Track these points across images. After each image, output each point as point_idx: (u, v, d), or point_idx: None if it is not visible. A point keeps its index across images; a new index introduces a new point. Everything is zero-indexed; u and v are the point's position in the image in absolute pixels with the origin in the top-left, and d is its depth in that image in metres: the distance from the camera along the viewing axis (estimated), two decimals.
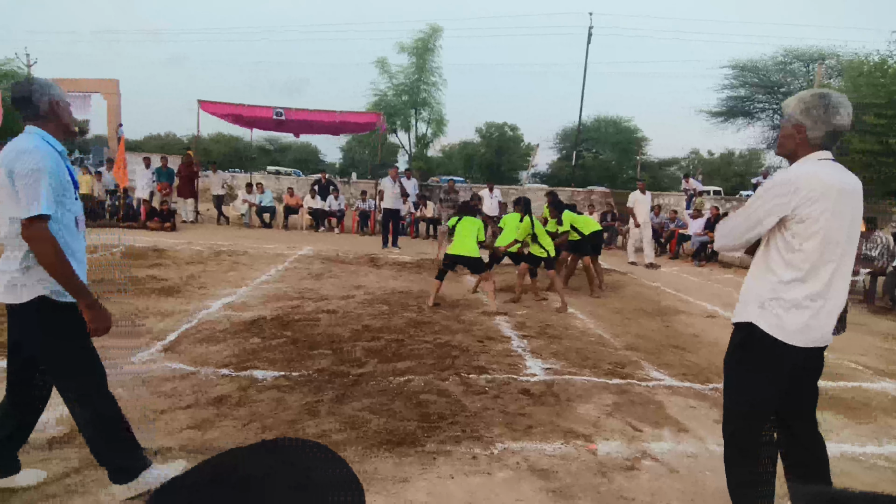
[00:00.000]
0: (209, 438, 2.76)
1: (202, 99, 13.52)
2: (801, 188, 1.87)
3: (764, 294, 1.98)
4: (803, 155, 1.98)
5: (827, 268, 1.93)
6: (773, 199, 1.91)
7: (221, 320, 4.92)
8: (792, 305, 1.93)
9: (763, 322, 1.98)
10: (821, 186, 1.87)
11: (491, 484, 2.51)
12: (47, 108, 2.10)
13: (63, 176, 2.07)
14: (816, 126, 1.92)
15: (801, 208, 1.88)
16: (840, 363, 4.92)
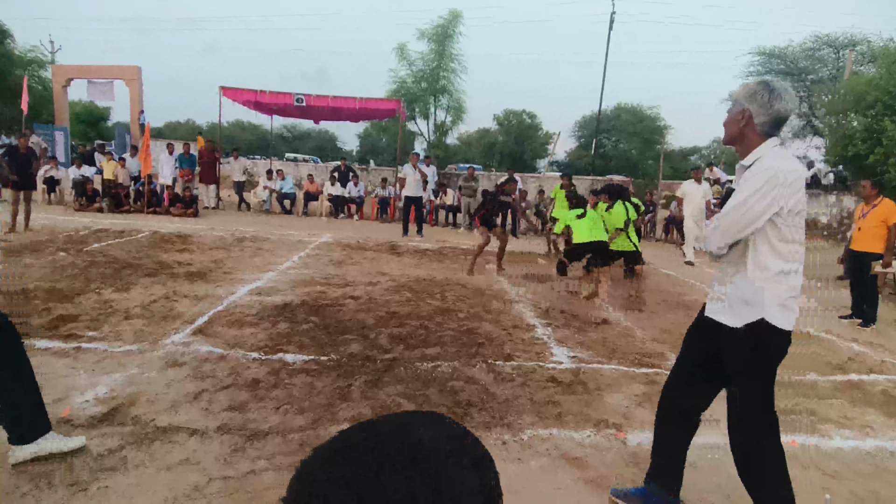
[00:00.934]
0: (248, 419, 2.81)
1: (224, 86, 13.60)
2: (792, 178, 1.89)
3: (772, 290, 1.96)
4: (754, 141, 1.98)
5: (800, 258, 2.00)
6: (772, 192, 1.88)
7: (250, 305, 4.99)
8: (791, 296, 1.98)
9: (776, 316, 1.97)
10: (800, 174, 1.94)
11: (527, 472, 2.52)
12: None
13: None
14: (762, 111, 1.94)
15: (795, 198, 1.90)
16: (872, 357, 4.83)
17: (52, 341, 3.75)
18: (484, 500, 0.47)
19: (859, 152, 12.91)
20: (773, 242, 1.94)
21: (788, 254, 1.95)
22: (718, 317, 2.09)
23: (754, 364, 2.05)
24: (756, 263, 1.97)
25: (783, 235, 1.93)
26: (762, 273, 1.96)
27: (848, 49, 21.16)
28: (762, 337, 1.98)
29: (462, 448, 0.48)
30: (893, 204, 6.12)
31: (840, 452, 2.97)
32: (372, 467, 0.44)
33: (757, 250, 1.96)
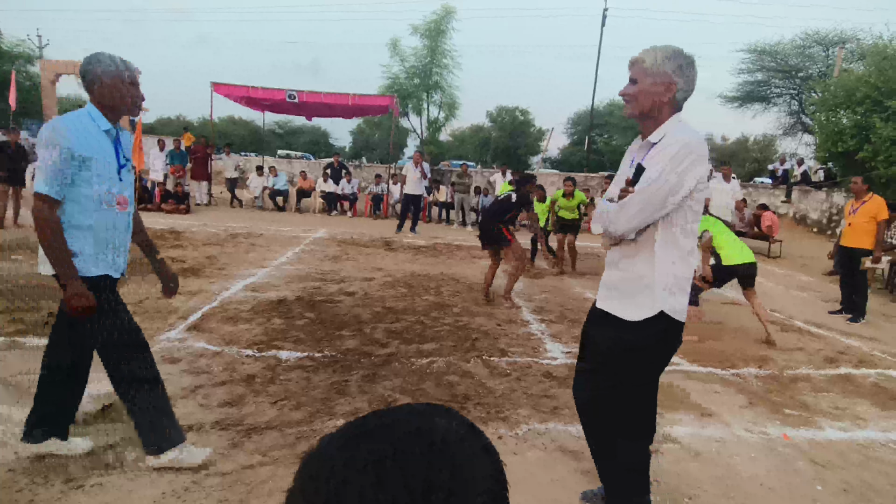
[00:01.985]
0: (246, 414, 2.80)
1: (216, 81, 13.50)
2: (704, 151, 1.78)
3: (670, 275, 1.82)
4: (664, 115, 1.84)
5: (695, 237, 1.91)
6: (690, 165, 1.73)
7: (245, 301, 4.97)
8: (686, 281, 1.86)
9: (671, 307, 1.82)
10: (705, 151, 1.82)
11: (524, 464, 2.53)
12: (97, 88, 2.12)
13: (87, 153, 2.06)
14: (686, 86, 1.82)
15: (703, 176, 1.79)
16: (863, 350, 4.89)
17: (44, 339, 3.70)
18: (494, 485, 0.47)
19: (849, 149, 13.02)
20: (682, 223, 1.81)
21: (692, 234, 1.83)
22: (612, 308, 1.93)
23: (645, 358, 1.90)
24: (664, 247, 1.81)
25: (690, 215, 1.81)
26: (669, 257, 1.80)
27: (838, 46, 21.33)
28: (660, 330, 1.83)
29: (473, 435, 0.49)
30: (883, 200, 6.20)
31: (832, 443, 3.01)
32: (389, 451, 0.44)
33: (668, 231, 1.80)
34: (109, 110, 2.16)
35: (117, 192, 2.20)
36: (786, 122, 26.44)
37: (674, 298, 1.82)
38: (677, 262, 1.81)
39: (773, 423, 3.20)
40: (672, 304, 1.81)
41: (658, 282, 1.80)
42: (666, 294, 1.81)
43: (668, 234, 1.80)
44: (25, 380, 3.05)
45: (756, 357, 4.43)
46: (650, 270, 1.81)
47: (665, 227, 1.80)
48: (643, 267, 1.83)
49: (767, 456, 2.81)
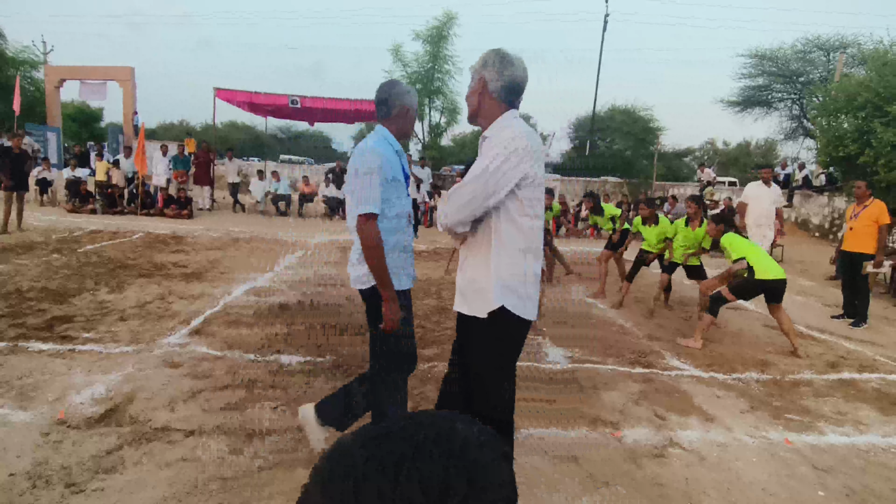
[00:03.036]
0: (247, 418, 2.81)
1: (219, 86, 13.56)
2: (531, 147, 1.77)
3: (505, 271, 1.81)
4: (493, 111, 1.87)
5: (541, 234, 1.88)
6: (515, 157, 1.74)
7: (247, 305, 4.98)
8: (528, 277, 1.84)
9: (512, 302, 1.81)
10: (537, 147, 1.82)
11: (525, 469, 2.53)
12: (397, 113, 2.34)
13: (395, 175, 2.25)
14: (495, 77, 1.85)
15: (532, 171, 1.78)
16: (865, 355, 4.88)
17: (48, 343, 3.73)
18: (511, 493, 0.48)
19: (850, 153, 13.03)
20: (514, 217, 1.80)
21: (529, 231, 1.83)
22: (461, 307, 1.92)
23: (492, 356, 1.88)
24: (499, 244, 1.81)
25: (524, 209, 1.80)
26: (504, 254, 1.81)
27: (838, 51, 21.37)
28: (502, 326, 1.82)
29: (494, 443, 0.50)
30: (884, 205, 6.19)
31: (833, 448, 3.00)
32: (409, 453, 0.45)
33: (501, 229, 1.80)
34: (402, 135, 2.38)
35: (408, 208, 2.36)
36: (787, 126, 26.47)
37: (512, 294, 1.81)
38: (513, 259, 1.81)
39: (774, 428, 3.20)
40: (511, 300, 1.80)
41: (495, 279, 1.80)
42: (503, 290, 1.80)
43: (502, 232, 1.81)
44: (27, 384, 3.07)
45: (757, 361, 4.42)
46: (486, 268, 1.82)
47: (498, 224, 1.81)
48: (481, 265, 1.84)
49: (769, 461, 2.81)
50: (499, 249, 1.81)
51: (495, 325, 1.83)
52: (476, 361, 1.92)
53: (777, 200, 7.60)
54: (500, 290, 1.80)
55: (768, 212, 7.52)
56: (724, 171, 32.11)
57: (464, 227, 1.83)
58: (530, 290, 1.85)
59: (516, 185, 1.77)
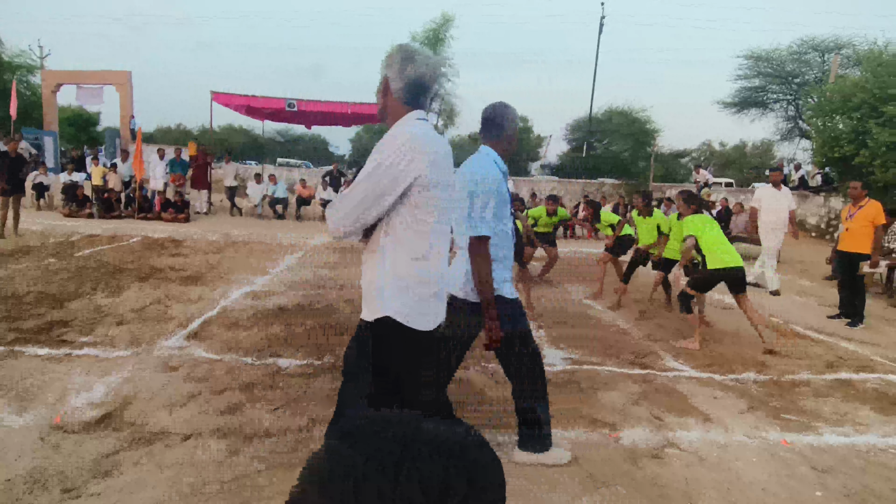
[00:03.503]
0: (245, 421, 2.80)
1: (216, 90, 13.56)
2: (425, 150, 1.68)
3: (396, 278, 1.72)
4: (397, 112, 1.79)
5: (443, 241, 1.79)
6: (400, 164, 1.65)
7: (245, 308, 4.98)
8: (424, 286, 1.74)
9: (397, 310, 1.72)
10: (436, 149, 1.72)
11: (523, 471, 2.53)
12: (508, 134, 2.48)
13: (504, 195, 2.36)
14: (396, 77, 1.76)
15: (427, 173, 1.68)
16: (863, 356, 4.89)
17: (45, 347, 3.72)
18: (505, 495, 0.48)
19: (846, 154, 13.08)
20: (407, 222, 1.71)
21: (426, 237, 1.73)
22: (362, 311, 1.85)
23: (378, 364, 1.81)
24: (392, 248, 1.72)
25: (417, 214, 1.70)
26: (397, 259, 1.71)
27: (833, 53, 21.48)
28: (389, 335, 1.73)
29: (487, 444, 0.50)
30: (880, 205, 6.22)
31: (832, 448, 3.01)
32: (409, 453, 0.45)
33: (394, 232, 1.72)
34: (506, 156, 2.49)
35: (510, 227, 2.48)
36: (783, 127, 26.59)
37: (402, 302, 1.71)
38: (407, 264, 1.71)
39: (773, 429, 3.20)
40: (399, 307, 1.71)
41: (385, 284, 1.72)
42: (393, 297, 1.71)
43: (395, 235, 1.71)
44: (24, 388, 3.05)
45: (755, 362, 4.43)
46: (378, 272, 1.74)
47: (391, 227, 1.71)
48: (373, 269, 1.75)
49: (769, 461, 2.81)
50: (389, 256, 1.72)
51: (382, 332, 1.74)
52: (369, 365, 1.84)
53: (789, 203, 7.39)
54: (387, 297, 1.71)
55: (781, 216, 7.32)
56: (720, 172, 32.21)
57: (356, 235, 1.74)
58: (425, 298, 1.74)
59: (410, 188, 1.67)
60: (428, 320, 1.77)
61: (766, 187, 7.63)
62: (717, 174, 27.44)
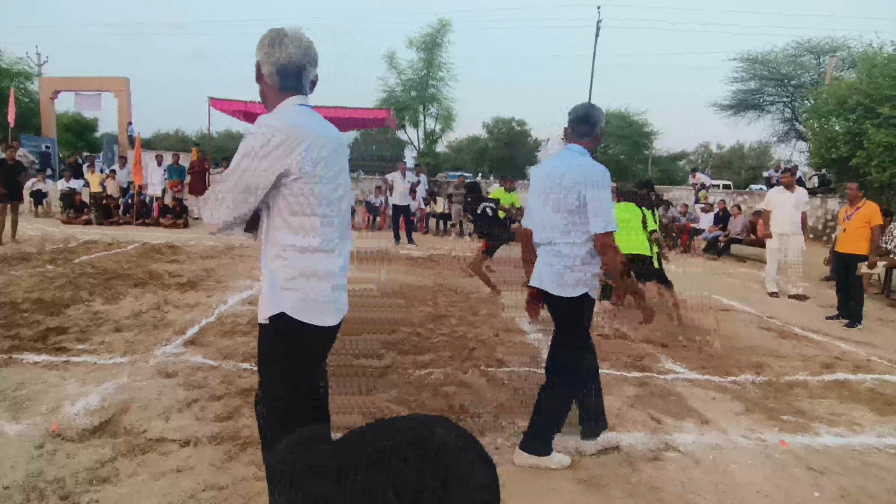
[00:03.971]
0: (242, 427, 2.80)
1: (213, 96, 13.58)
2: (299, 138, 1.59)
3: (283, 274, 1.65)
4: (274, 98, 1.72)
5: (338, 232, 1.73)
6: (270, 153, 1.57)
7: (242, 314, 4.98)
8: (316, 280, 1.67)
9: (291, 306, 1.65)
10: (315, 137, 1.64)
11: (521, 473, 2.53)
12: (596, 133, 2.63)
13: None
14: (266, 61, 1.69)
15: (302, 163, 1.60)
16: (859, 356, 4.90)
17: (42, 354, 3.72)
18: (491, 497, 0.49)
19: (842, 155, 13.13)
20: (284, 215, 1.64)
21: (315, 227, 1.65)
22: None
23: (271, 365, 1.73)
24: (272, 241, 1.67)
25: (303, 205, 1.63)
26: (282, 254, 1.65)
27: (829, 55, 21.58)
28: (282, 334, 1.67)
29: (472, 447, 0.50)
30: (876, 206, 6.24)
31: (828, 449, 3.01)
32: (385, 454, 0.46)
33: (275, 226, 1.66)
34: (592, 153, 2.63)
35: None
36: (780, 129, 26.68)
37: (293, 297, 1.65)
38: (294, 258, 1.65)
39: (769, 430, 3.20)
40: (291, 303, 1.65)
41: (274, 280, 1.66)
42: (282, 293, 1.65)
43: (280, 228, 1.66)
44: (20, 396, 3.05)
45: (752, 364, 4.43)
46: (267, 268, 1.69)
47: (274, 220, 1.66)
48: (265, 265, 1.71)
49: (765, 463, 2.82)
50: (275, 251, 1.66)
51: (277, 331, 1.67)
52: (260, 368, 1.78)
53: (801, 205, 7.24)
54: (277, 294, 1.65)
55: (792, 218, 7.19)
56: (718, 174, 32.28)
57: (235, 228, 1.67)
58: (320, 292, 1.67)
59: (285, 179, 1.60)
60: (325, 316, 1.69)
61: (776, 189, 7.53)
62: (714, 176, 27.51)
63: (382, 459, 0.46)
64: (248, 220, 1.68)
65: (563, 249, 2.50)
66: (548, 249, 2.58)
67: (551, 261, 2.55)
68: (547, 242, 2.58)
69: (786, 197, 7.26)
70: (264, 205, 1.67)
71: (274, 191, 1.62)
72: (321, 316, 1.68)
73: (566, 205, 2.47)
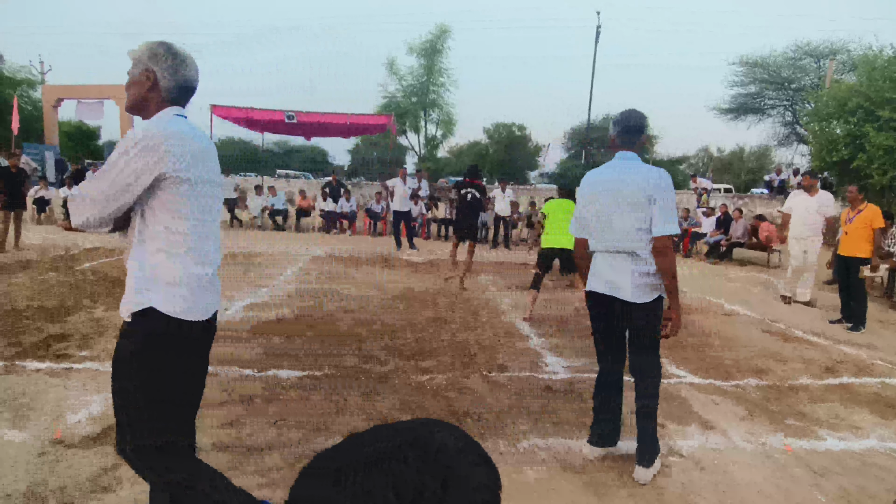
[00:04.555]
0: (245, 434, 2.80)
1: (215, 103, 13.65)
2: (174, 146, 1.64)
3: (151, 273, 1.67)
4: (157, 107, 1.76)
5: (205, 237, 1.75)
6: (143, 157, 1.60)
7: (244, 320, 4.98)
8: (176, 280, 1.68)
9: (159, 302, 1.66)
10: (191, 145, 1.69)
11: (523, 479, 2.53)
12: (643, 139, 2.72)
13: None
14: (168, 76, 1.74)
15: (174, 170, 1.64)
16: (862, 359, 4.89)
17: (44, 361, 3.72)
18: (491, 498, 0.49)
19: (843, 158, 13.14)
20: (161, 217, 1.67)
21: (183, 231, 1.69)
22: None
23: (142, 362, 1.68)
24: (150, 241, 1.68)
25: (173, 210, 1.67)
26: (156, 252, 1.68)
27: (829, 58, 21.61)
28: (153, 329, 1.66)
29: (472, 449, 0.51)
30: (878, 208, 6.24)
31: (831, 452, 3.00)
32: (385, 455, 0.47)
33: (148, 225, 1.68)
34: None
35: None
36: (780, 132, 26.72)
37: (167, 294, 1.67)
38: (163, 258, 1.68)
39: (772, 434, 3.20)
40: (164, 299, 1.66)
41: (144, 276, 1.68)
42: (154, 289, 1.66)
43: (148, 229, 1.69)
44: (23, 403, 3.06)
45: (755, 367, 4.43)
46: (135, 265, 1.70)
47: (144, 221, 1.69)
48: (132, 263, 1.71)
49: (767, 466, 2.81)
50: (143, 250, 1.68)
51: (142, 326, 1.66)
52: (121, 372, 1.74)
53: (823, 209, 6.94)
54: (144, 292, 1.66)
55: (810, 222, 6.96)
56: (719, 177, 32.28)
57: (103, 226, 1.68)
58: (188, 293, 1.70)
59: (158, 183, 1.63)
60: (194, 313, 1.71)
61: (796, 192, 7.32)
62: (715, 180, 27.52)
63: (382, 460, 0.46)
64: (117, 220, 1.69)
65: (643, 255, 2.54)
66: (621, 257, 2.59)
67: (628, 268, 2.56)
68: (619, 250, 2.59)
69: (804, 201, 7.04)
70: (136, 205, 1.69)
71: (147, 192, 1.65)
72: (190, 313, 1.70)
73: (641, 211, 2.51)
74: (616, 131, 2.74)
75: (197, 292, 1.72)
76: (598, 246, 2.72)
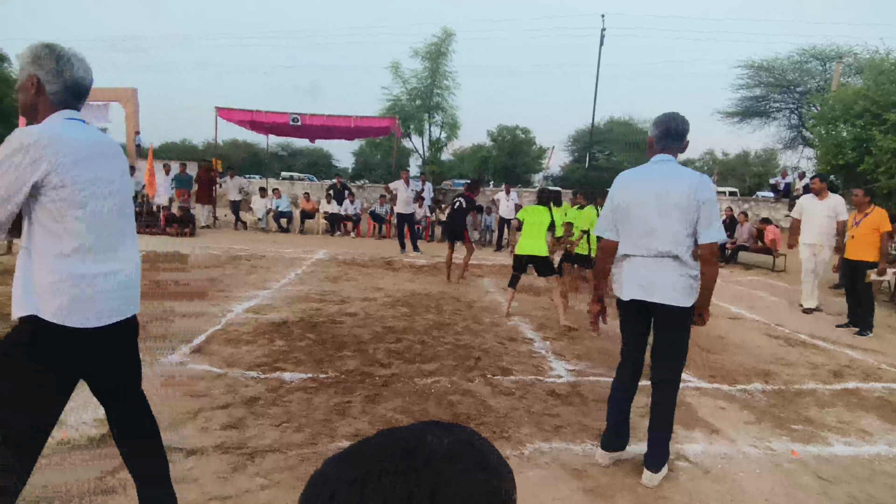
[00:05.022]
0: (247, 437, 2.79)
1: (220, 106, 13.70)
2: (58, 148, 1.61)
3: (40, 278, 1.65)
4: (47, 111, 1.72)
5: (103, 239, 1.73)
6: (21, 163, 1.57)
7: (247, 322, 4.98)
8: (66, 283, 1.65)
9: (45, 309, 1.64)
10: (79, 146, 1.66)
11: (527, 483, 2.51)
12: (685, 143, 2.68)
13: None
14: (52, 79, 1.70)
15: (59, 172, 1.61)
16: (870, 364, 4.85)
17: None
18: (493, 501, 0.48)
19: (850, 161, 13.08)
20: (44, 222, 1.64)
21: (72, 232, 1.66)
22: None
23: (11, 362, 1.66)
24: (36, 248, 1.66)
25: (61, 212, 1.64)
26: (42, 258, 1.65)
27: (835, 61, 21.54)
28: (30, 333, 1.65)
29: (469, 451, 0.50)
30: (885, 212, 6.20)
31: (837, 458, 2.97)
32: (376, 468, 0.46)
33: (34, 232, 1.66)
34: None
35: None
36: (786, 135, 26.63)
37: (51, 300, 1.64)
38: (48, 262, 1.65)
39: (778, 439, 3.17)
40: (47, 305, 1.64)
41: (31, 282, 1.66)
42: (38, 295, 1.65)
43: (37, 232, 1.66)
44: None
45: (761, 372, 4.39)
46: (20, 270, 1.68)
47: (32, 224, 1.67)
48: (17, 268, 1.69)
49: (773, 472, 2.78)
50: (33, 255, 1.66)
51: (22, 330, 1.65)
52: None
53: (834, 213, 6.72)
54: (32, 296, 1.64)
55: (821, 227, 6.75)
56: (724, 181, 32.19)
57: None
58: (70, 299, 1.66)
59: (42, 187, 1.60)
60: (83, 318, 1.68)
61: (806, 196, 7.12)
62: (720, 184, 27.46)
63: (375, 473, 0.46)
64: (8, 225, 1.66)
65: (686, 260, 2.51)
66: (665, 262, 2.54)
67: (672, 272, 2.53)
68: (662, 254, 2.54)
69: (814, 205, 6.83)
70: (23, 210, 1.67)
71: (31, 197, 1.62)
72: (77, 318, 1.67)
73: (687, 215, 2.47)
74: (656, 134, 2.65)
75: (84, 297, 1.67)
76: (634, 250, 2.62)
